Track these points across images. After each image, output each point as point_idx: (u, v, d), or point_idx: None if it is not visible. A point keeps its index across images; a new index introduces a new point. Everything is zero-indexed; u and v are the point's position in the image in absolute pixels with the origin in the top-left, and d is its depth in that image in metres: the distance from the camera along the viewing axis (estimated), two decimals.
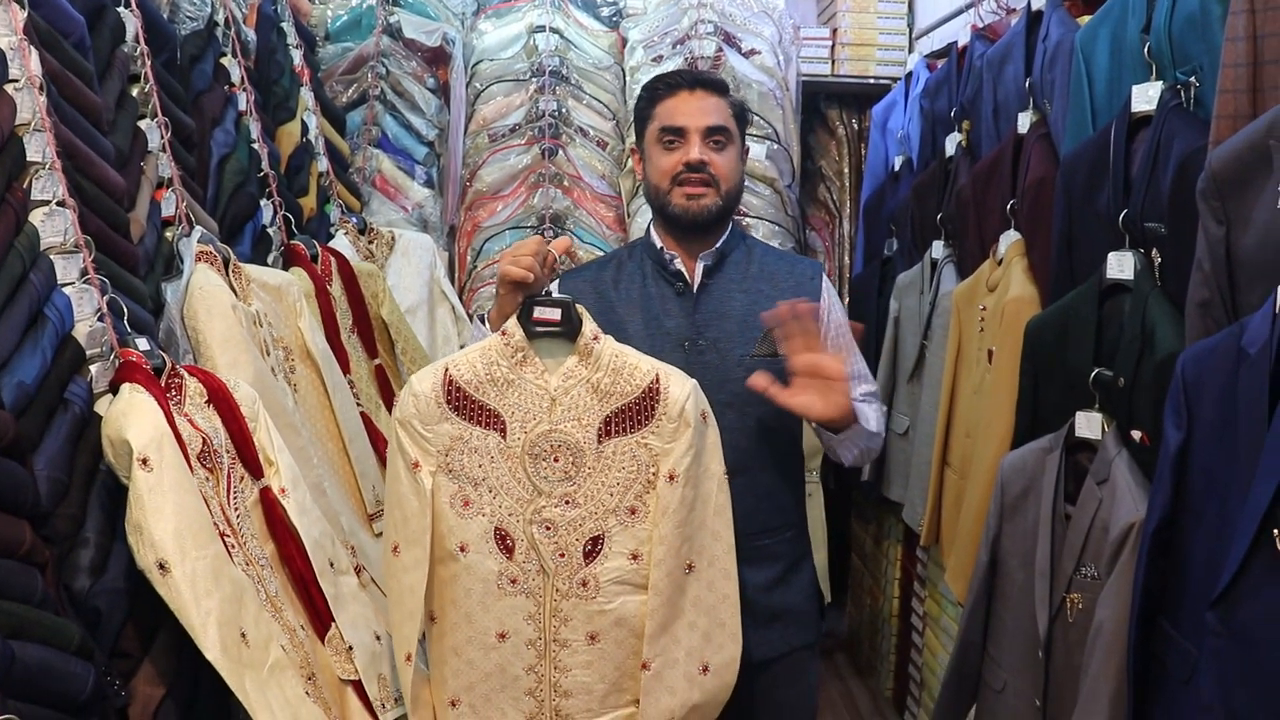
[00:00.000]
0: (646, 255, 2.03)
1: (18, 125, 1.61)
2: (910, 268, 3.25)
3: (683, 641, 1.77)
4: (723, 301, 1.97)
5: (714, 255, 1.99)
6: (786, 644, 2.00)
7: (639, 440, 1.76)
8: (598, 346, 1.76)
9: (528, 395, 1.76)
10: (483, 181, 3.63)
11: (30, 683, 1.29)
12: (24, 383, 1.49)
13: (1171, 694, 1.57)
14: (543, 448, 1.76)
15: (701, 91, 1.96)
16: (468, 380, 1.77)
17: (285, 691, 1.60)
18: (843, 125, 4.25)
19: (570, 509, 1.77)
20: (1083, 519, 1.87)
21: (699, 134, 1.93)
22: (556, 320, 1.76)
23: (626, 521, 1.77)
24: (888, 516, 3.62)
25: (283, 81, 2.99)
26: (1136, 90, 1.93)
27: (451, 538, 1.78)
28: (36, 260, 1.58)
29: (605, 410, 1.76)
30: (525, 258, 1.77)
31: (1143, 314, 1.84)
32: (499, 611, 1.79)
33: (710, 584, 1.78)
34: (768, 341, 1.93)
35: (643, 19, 3.85)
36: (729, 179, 1.96)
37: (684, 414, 1.74)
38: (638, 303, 1.98)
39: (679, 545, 1.75)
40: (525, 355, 1.76)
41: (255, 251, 2.50)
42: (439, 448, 1.77)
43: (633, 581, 1.78)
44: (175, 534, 1.50)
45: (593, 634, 1.78)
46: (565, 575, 1.78)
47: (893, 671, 3.57)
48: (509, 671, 1.80)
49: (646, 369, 1.76)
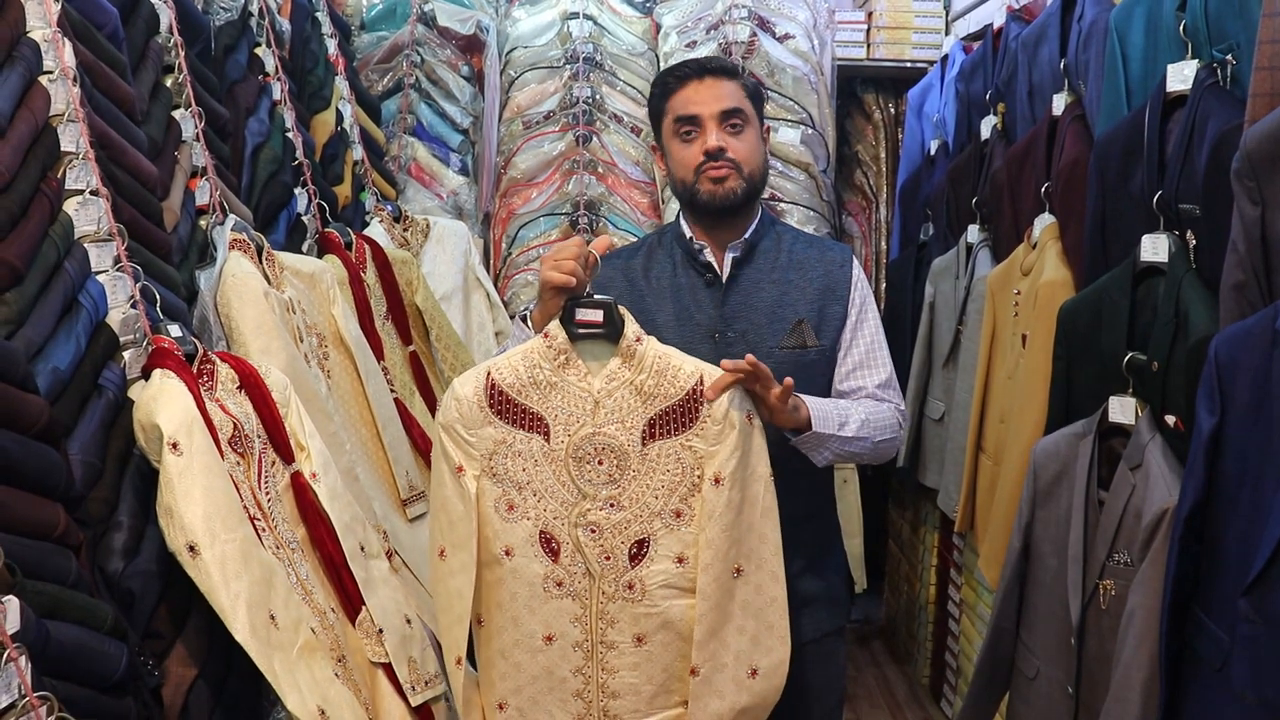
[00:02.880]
0: (676, 244, 2.02)
1: (52, 116, 1.64)
2: (946, 252, 3.22)
3: (731, 646, 1.76)
4: (751, 293, 1.95)
5: (743, 246, 1.97)
6: (816, 629, 1.99)
7: (683, 443, 1.74)
8: (640, 348, 1.74)
9: (571, 398, 1.75)
10: (517, 168, 3.64)
11: (65, 661, 1.32)
12: (58, 369, 1.52)
13: (1204, 681, 1.55)
14: (586, 450, 1.75)
15: (711, 78, 1.93)
16: (510, 383, 1.75)
17: (314, 673, 1.62)
18: (879, 109, 4.21)
19: (615, 512, 1.76)
20: (1116, 505, 1.85)
21: (714, 120, 1.91)
22: (599, 322, 1.73)
23: (672, 524, 1.76)
24: (924, 503, 3.60)
25: (317, 71, 3.02)
26: (1172, 69, 1.90)
27: (497, 541, 1.78)
28: (71, 248, 1.61)
29: (649, 412, 1.74)
30: (567, 262, 1.73)
31: (1176, 297, 1.81)
32: (545, 614, 1.78)
33: (759, 587, 1.76)
34: (797, 333, 1.91)
35: (676, 4, 3.83)
36: (750, 160, 1.93)
37: (728, 416, 1.72)
38: (668, 293, 1.97)
39: (726, 549, 1.73)
40: (568, 357, 1.74)
41: (290, 239, 2.53)
42: (482, 451, 1.76)
43: (679, 585, 1.76)
44: (205, 517, 1.53)
45: (639, 636, 1.77)
46: (611, 578, 1.77)
47: (929, 659, 3.56)
48: (556, 674, 1.79)
49: (690, 370, 1.74)
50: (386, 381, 2.53)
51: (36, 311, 1.51)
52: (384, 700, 1.83)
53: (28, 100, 1.58)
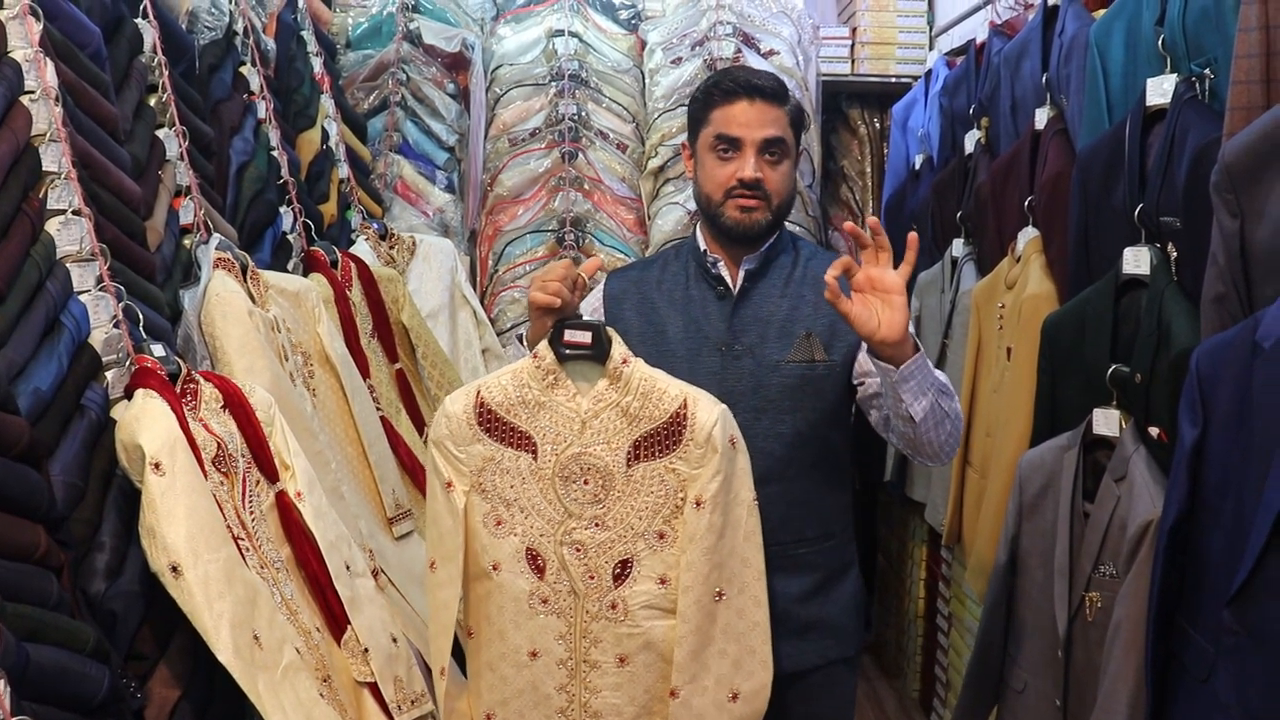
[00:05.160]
0: (691, 257, 2.01)
1: (34, 136, 1.64)
2: (931, 266, 3.23)
3: (712, 669, 1.75)
4: (761, 306, 1.93)
5: (758, 259, 1.95)
6: (822, 656, 1.95)
7: (667, 465, 1.75)
8: (627, 370, 1.75)
9: (559, 418, 1.77)
10: (503, 186, 3.64)
11: (46, 685, 1.31)
12: (40, 389, 1.51)
13: (1190, 693, 1.55)
14: (573, 470, 1.76)
15: (761, 103, 1.88)
16: (499, 402, 1.77)
17: (299, 693, 1.61)
18: (864, 124, 4.23)
19: (600, 531, 1.77)
20: (1101, 517, 1.85)
21: (754, 147, 1.87)
22: (587, 343, 1.76)
23: (655, 546, 1.76)
24: (912, 517, 3.60)
25: (303, 89, 3.02)
26: (1151, 83, 1.91)
27: (485, 556, 1.79)
28: (53, 268, 1.61)
29: (634, 434, 1.75)
30: (552, 283, 1.75)
31: (1159, 309, 1.82)
32: (530, 630, 1.79)
33: (740, 611, 1.76)
34: (804, 347, 1.90)
35: (661, 21, 3.85)
36: (782, 192, 1.91)
37: (711, 439, 1.72)
38: (679, 305, 1.97)
39: (707, 572, 1.73)
40: (557, 378, 1.77)
41: (275, 258, 2.52)
42: (471, 468, 1.78)
43: (661, 606, 1.77)
44: (188, 537, 1.52)
45: (622, 656, 1.78)
46: (595, 597, 1.78)
47: (919, 672, 3.55)
48: (540, 689, 1.80)
49: (675, 394, 1.75)
50: (372, 400, 2.52)
51: (18, 332, 1.50)
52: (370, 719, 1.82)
53: (9, 120, 1.58)
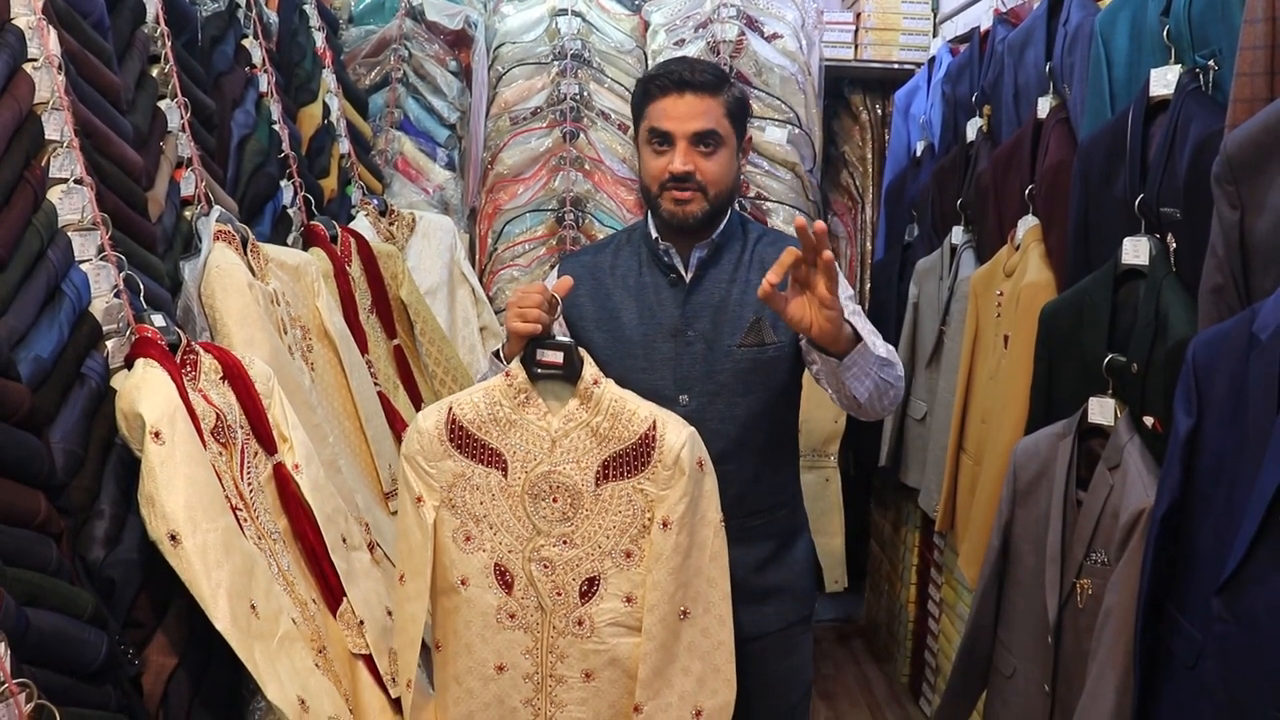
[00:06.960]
0: (644, 243, 2.02)
1: (36, 104, 1.63)
2: (930, 253, 3.23)
3: (676, 686, 1.78)
4: (713, 293, 1.95)
5: (709, 247, 1.97)
6: (781, 619, 2.01)
7: (635, 485, 1.77)
8: (598, 391, 1.78)
9: (529, 436, 1.79)
10: (504, 164, 3.64)
11: (44, 649, 1.31)
12: (41, 357, 1.51)
13: (1178, 679, 1.57)
14: (542, 488, 1.79)
15: (691, 95, 1.88)
16: (470, 419, 1.79)
17: (295, 663, 1.62)
18: (866, 110, 4.22)
19: (568, 549, 1.79)
20: (1094, 505, 1.86)
21: (685, 140, 1.88)
22: (559, 363, 1.78)
23: (622, 564, 1.79)
24: (906, 503, 3.61)
25: (305, 64, 3.01)
26: (1155, 74, 1.91)
27: (454, 571, 1.82)
28: (54, 237, 1.61)
29: (603, 454, 1.77)
30: (532, 310, 1.77)
31: (1157, 299, 1.83)
32: (497, 644, 1.82)
33: (705, 630, 1.79)
34: (755, 331, 1.93)
35: (665, 2, 3.83)
36: (719, 181, 1.91)
37: (679, 461, 1.74)
38: (633, 291, 1.98)
39: (673, 591, 1.75)
40: (528, 396, 1.79)
41: (275, 232, 2.52)
42: (442, 483, 1.80)
43: (627, 624, 1.79)
44: (186, 506, 1.53)
45: (588, 672, 1.81)
46: (562, 613, 1.80)
47: (909, 657, 3.58)
48: (507, 703, 1.83)
49: (644, 415, 1.77)
50: (370, 375, 2.53)
51: (19, 299, 1.50)
52: (364, 691, 1.83)
53: (11, 88, 1.57)
